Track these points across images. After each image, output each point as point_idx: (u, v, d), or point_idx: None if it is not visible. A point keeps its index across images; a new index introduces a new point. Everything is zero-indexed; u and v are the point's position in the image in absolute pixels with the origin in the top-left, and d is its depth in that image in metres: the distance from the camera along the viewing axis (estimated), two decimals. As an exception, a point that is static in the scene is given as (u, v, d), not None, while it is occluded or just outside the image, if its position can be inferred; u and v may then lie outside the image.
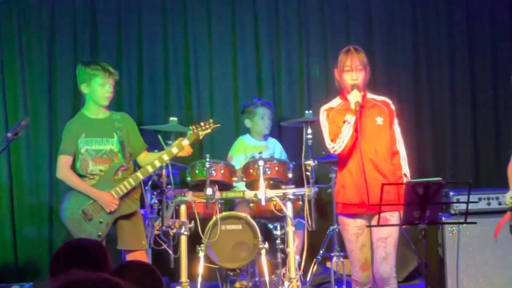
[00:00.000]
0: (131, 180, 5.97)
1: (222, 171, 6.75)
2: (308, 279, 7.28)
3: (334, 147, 5.33)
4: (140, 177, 6.02)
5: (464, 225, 6.66)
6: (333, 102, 5.55)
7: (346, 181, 5.40)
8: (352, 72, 5.37)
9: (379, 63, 8.40)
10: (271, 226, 7.12)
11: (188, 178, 6.84)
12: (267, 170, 6.64)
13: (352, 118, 5.27)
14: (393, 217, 5.34)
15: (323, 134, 5.48)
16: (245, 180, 6.83)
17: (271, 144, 7.80)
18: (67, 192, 6.10)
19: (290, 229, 6.60)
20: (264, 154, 7.09)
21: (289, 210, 6.61)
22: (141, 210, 6.46)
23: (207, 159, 6.59)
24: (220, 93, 8.41)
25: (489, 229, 6.82)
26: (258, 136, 7.76)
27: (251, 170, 6.74)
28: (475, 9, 8.61)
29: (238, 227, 6.71)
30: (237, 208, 7.27)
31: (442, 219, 6.90)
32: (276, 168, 6.71)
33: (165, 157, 6.06)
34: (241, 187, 7.06)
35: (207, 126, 6.23)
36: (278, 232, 6.95)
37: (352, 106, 5.30)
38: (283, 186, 6.69)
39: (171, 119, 6.98)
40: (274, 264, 7.05)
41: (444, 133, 8.50)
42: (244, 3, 8.51)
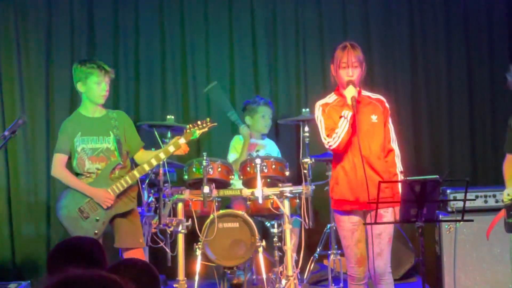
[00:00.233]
0: (128, 178, 5.97)
1: (219, 169, 6.75)
2: (305, 277, 7.28)
3: (329, 142, 5.33)
4: (137, 175, 6.02)
5: (461, 222, 6.65)
6: (329, 97, 5.55)
7: (340, 177, 5.42)
8: (348, 68, 5.38)
9: (376, 61, 8.42)
10: (268, 224, 7.13)
11: (185, 176, 6.84)
12: (264, 168, 6.64)
13: (349, 113, 5.28)
14: (388, 213, 5.35)
15: (318, 129, 5.48)
16: (242, 178, 6.84)
17: (268, 144, 7.80)
18: (64, 190, 6.11)
19: (287, 227, 6.60)
20: (261, 153, 7.08)
21: (286, 208, 6.61)
22: (138, 208, 6.46)
23: (204, 157, 6.59)
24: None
25: (486, 226, 6.79)
26: (256, 134, 7.76)
27: (248, 168, 6.74)
28: (472, 6, 8.62)
29: (235, 225, 6.71)
30: (234, 206, 7.27)
31: (439, 216, 6.90)
32: (273, 166, 6.71)
33: (162, 155, 6.06)
34: (238, 185, 7.06)
35: (204, 125, 6.22)
36: (275, 230, 6.96)
37: (349, 101, 5.31)
38: (280, 184, 6.69)
39: (168, 117, 6.99)
40: (271, 262, 7.05)
41: (441, 131, 8.51)
42: (241, 1, 8.51)
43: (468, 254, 6.94)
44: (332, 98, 5.54)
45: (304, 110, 7.09)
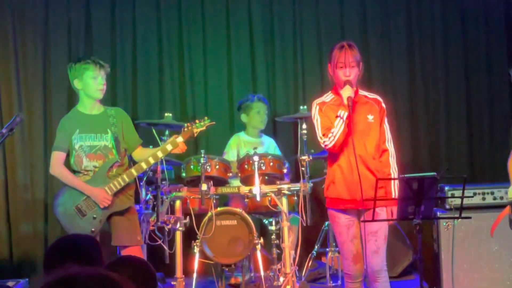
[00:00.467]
0: (125, 176, 5.97)
1: (217, 167, 6.76)
2: (303, 274, 7.28)
3: (325, 141, 5.33)
4: (134, 173, 6.02)
5: (459, 220, 6.66)
6: (326, 96, 5.55)
7: (336, 176, 5.41)
8: (345, 68, 5.37)
9: (373, 59, 8.41)
10: (266, 222, 7.14)
11: (183, 174, 6.85)
12: (262, 165, 6.64)
13: (345, 113, 5.28)
14: (383, 211, 5.35)
15: (314, 128, 5.48)
16: (240, 176, 6.84)
17: (266, 141, 7.79)
18: (61, 187, 6.10)
19: (285, 225, 6.60)
20: (259, 150, 7.08)
21: (284, 205, 6.61)
22: (136, 205, 6.45)
23: (202, 155, 6.59)
24: (214, 89, 8.42)
25: (484, 224, 6.82)
26: (253, 131, 7.75)
27: (246, 166, 6.74)
28: (469, 4, 8.61)
29: (233, 222, 6.72)
30: (232, 203, 7.27)
31: (437, 214, 6.90)
32: (271, 164, 6.72)
33: (160, 154, 6.05)
34: (236, 182, 7.06)
35: (201, 124, 6.21)
36: (273, 228, 6.99)
37: (345, 101, 5.30)
38: (278, 182, 6.69)
39: (166, 115, 6.99)
40: (269, 259, 7.06)
41: (439, 128, 8.50)
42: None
43: (466, 251, 6.93)
44: (329, 97, 5.53)
45: (302, 107, 7.10)
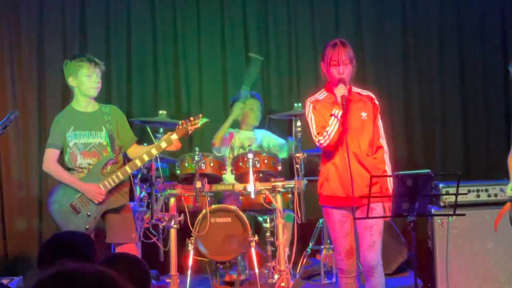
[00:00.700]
0: (119, 174, 5.96)
1: (212, 164, 6.76)
2: (298, 272, 7.28)
3: (320, 140, 5.34)
4: (129, 171, 6.02)
5: (453, 217, 6.67)
6: (319, 94, 5.55)
7: (330, 173, 5.42)
8: (339, 66, 5.38)
9: (368, 56, 8.41)
10: (261, 219, 7.14)
11: (178, 171, 6.84)
12: (256, 163, 6.64)
13: (339, 112, 5.28)
14: (378, 207, 5.38)
15: (309, 126, 5.48)
16: (234, 173, 6.83)
17: (259, 135, 7.78)
18: (55, 185, 6.09)
19: (280, 222, 6.60)
20: (253, 146, 7.08)
21: (278, 202, 6.61)
22: (131, 203, 6.45)
23: (197, 152, 6.59)
24: (209, 87, 8.41)
25: (478, 221, 6.83)
26: (247, 127, 7.75)
27: (240, 163, 6.74)
28: (465, 1, 8.61)
29: (228, 220, 6.71)
30: (226, 201, 7.27)
31: (432, 211, 6.91)
32: (266, 161, 6.72)
33: (154, 151, 6.05)
34: (230, 180, 7.06)
35: (196, 121, 6.21)
36: (267, 225, 6.99)
37: (339, 100, 5.30)
38: (272, 179, 6.69)
39: (161, 112, 6.98)
40: (264, 256, 7.06)
41: (433, 126, 8.51)
42: (233, -3, 8.52)
43: (461, 248, 6.94)
44: (322, 95, 5.54)
45: (296, 104, 7.09)
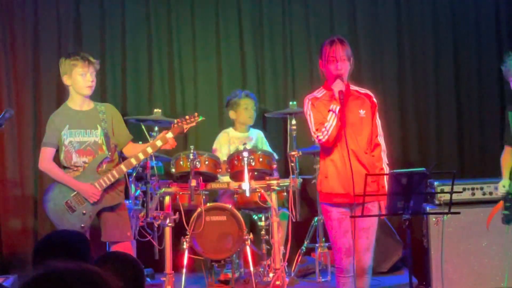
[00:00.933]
0: (115, 172, 5.96)
1: (207, 162, 6.75)
2: (292, 270, 7.28)
3: (319, 136, 5.35)
4: (124, 169, 6.02)
5: (448, 215, 6.67)
6: (318, 92, 5.56)
7: (330, 171, 5.42)
8: (336, 62, 5.39)
9: (362, 54, 8.40)
10: (256, 217, 7.14)
11: (173, 170, 6.83)
12: (251, 161, 6.64)
13: (337, 107, 5.29)
14: (374, 207, 5.39)
15: (308, 123, 5.49)
16: (229, 172, 6.84)
17: (254, 135, 7.78)
18: (51, 183, 6.09)
19: (275, 220, 6.61)
20: (248, 145, 7.08)
21: (273, 201, 6.62)
22: (126, 201, 6.45)
23: (192, 151, 6.59)
24: (204, 85, 8.41)
25: (473, 219, 6.84)
26: (241, 127, 7.74)
27: (235, 162, 6.74)
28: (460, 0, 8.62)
29: (223, 218, 6.72)
30: (221, 199, 7.27)
31: (427, 209, 6.92)
32: (261, 159, 6.71)
33: (149, 150, 6.05)
34: (225, 178, 7.06)
35: (191, 120, 6.22)
36: (262, 223, 7.00)
37: (336, 95, 5.31)
38: (267, 177, 6.69)
39: (155, 111, 6.98)
40: (259, 255, 7.07)
41: (428, 124, 8.50)
42: (227, -5, 8.51)
43: (456, 246, 6.95)
44: (321, 92, 5.55)
45: (291, 103, 7.10)
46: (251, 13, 8.47)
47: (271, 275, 6.68)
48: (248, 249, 6.59)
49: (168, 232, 6.60)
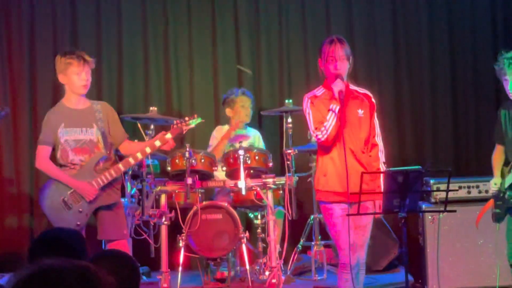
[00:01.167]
0: (112, 171, 5.95)
1: (203, 161, 6.74)
2: (289, 268, 7.28)
3: (318, 135, 5.35)
4: (122, 168, 6.01)
5: (444, 213, 6.67)
6: (317, 90, 5.57)
7: (328, 169, 5.42)
8: (336, 62, 5.40)
9: (358, 54, 8.38)
10: (252, 216, 7.14)
11: (168, 168, 6.83)
12: (247, 159, 6.64)
13: (336, 106, 5.29)
14: (371, 206, 5.39)
15: (307, 122, 5.50)
16: (225, 170, 6.83)
17: (251, 133, 7.78)
18: (48, 180, 6.08)
19: (271, 218, 6.61)
20: (244, 143, 7.08)
21: (269, 199, 6.61)
22: (122, 199, 6.44)
23: (187, 149, 6.58)
24: (200, 83, 8.41)
25: (469, 217, 6.84)
26: (238, 125, 7.73)
27: (231, 160, 6.73)
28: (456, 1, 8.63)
29: (219, 216, 6.72)
30: (217, 197, 7.27)
31: (422, 207, 6.92)
32: (257, 158, 6.71)
33: (148, 149, 6.05)
34: (221, 177, 7.05)
35: (192, 121, 6.21)
36: (258, 221, 7.00)
37: (336, 94, 5.32)
38: (263, 176, 6.69)
39: (151, 109, 6.98)
40: (255, 253, 7.08)
41: (424, 122, 8.52)
42: (224, -8, 8.51)
43: (452, 244, 6.96)
44: (320, 91, 5.55)
45: (287, 101, 7.10)
46: (247, 12, 8.47)
47: (267, 273, 6.67)
48: (244, 247, 6.59)
49: (164, 230, 6.60)
